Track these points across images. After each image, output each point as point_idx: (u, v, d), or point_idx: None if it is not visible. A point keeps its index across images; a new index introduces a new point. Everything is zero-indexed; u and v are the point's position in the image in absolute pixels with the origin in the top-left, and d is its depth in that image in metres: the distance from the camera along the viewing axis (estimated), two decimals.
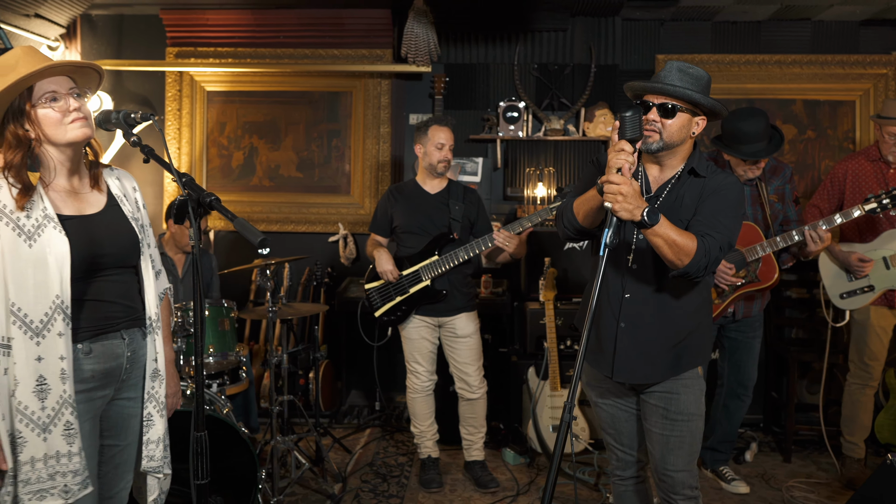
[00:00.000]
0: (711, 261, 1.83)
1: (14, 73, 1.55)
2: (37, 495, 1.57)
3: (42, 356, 1.57)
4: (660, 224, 1.76)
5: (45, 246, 1.57)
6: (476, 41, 4.35)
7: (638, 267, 1.98)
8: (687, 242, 1.79)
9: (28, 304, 1.56)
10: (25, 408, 1.56)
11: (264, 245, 1.29)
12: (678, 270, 1.83)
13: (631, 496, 2.25)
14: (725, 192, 1.93)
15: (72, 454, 1.60)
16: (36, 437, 1.56)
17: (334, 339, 4.38)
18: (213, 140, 4.53)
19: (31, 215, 1.58)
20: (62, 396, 1.58)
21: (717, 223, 1.87)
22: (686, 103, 1.88)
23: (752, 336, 3.18)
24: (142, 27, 4.48)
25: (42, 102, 1.59)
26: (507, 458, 3.57)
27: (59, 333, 1.58)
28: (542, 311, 3.63)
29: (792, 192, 3.15)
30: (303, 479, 3.25)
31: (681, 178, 1.98)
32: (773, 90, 4.26)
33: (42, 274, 1.57)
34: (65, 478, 1.60)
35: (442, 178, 3.25)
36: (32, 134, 1.60)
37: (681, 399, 2.00)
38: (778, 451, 3.72)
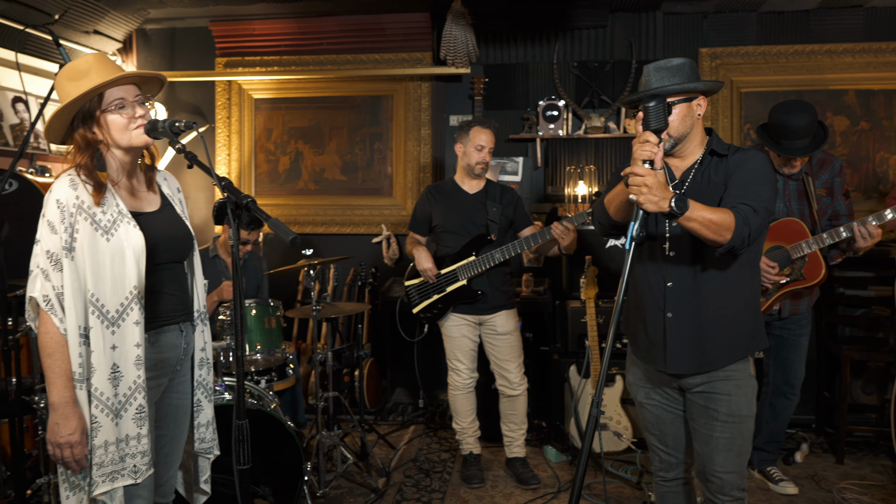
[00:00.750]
0: (753, 228, 1.80)
1: (87, 80, 1.66)
2: (109, 477, 1.66)
3: (117, 345, 1.67)
4: (691, 209, 1.73)
5: (122, 239, 1.68)
6: (514, 41, 4.37)
7: (676, 254, 1.96)
8: (724, 217, 1.76)
9: (105, 295, 1.66)
10: (101, 394, 1.65)
11: (296, 243, 1.38)
12: (723, 247, 1.79)
13: (674, 497, 2.21)
14: (749, 162, 1.91)
15: (141, 436, 1.70)
16: (109, 422, 1.66)
17: (378, 338, 4.47)
18: (260, 146, 4.68)
19: (106, 211, 1.69)
20: (136, 382, 1.68)
21: (748, 192, 1.85)
22: (678, 96, 1.88)
23: (798, 334, 3.10)
24: (192, 39, 4.68)
25: (111, 109, 1.69)
26: (549, 456, 3.59)
27: (135, 322, 1.68)
28: (584, 310, 3.63)
29: (842, 185, 3.05)
30: (348, 473, 3.35)
31: (703, 162, 1.97)
32: (824, 81, 4.13)
33: (120, 266, 1.67)
34: (134, 458, 1.70)
35: (480, 179, 3.29)
36: (100, 137, 1.71)
37: (732, 400, 1.95)
38: (830, 453, 3.61)
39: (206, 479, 1.96)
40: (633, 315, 2.12)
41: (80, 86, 1.66)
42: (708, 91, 1.94)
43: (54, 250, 1.63)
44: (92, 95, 1.67)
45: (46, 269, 1.63)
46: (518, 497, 3.14)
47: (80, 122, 1.69)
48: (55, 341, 1.63)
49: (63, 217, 1.63)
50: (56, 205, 1.64)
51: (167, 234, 1.81)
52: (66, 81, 1.69)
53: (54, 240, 1.63)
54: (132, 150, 1.75)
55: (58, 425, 1.62)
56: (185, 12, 4.33)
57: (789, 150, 2.82)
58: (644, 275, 2.03)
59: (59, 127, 1.74)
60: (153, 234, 1.76)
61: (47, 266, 1.63)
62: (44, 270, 1.63)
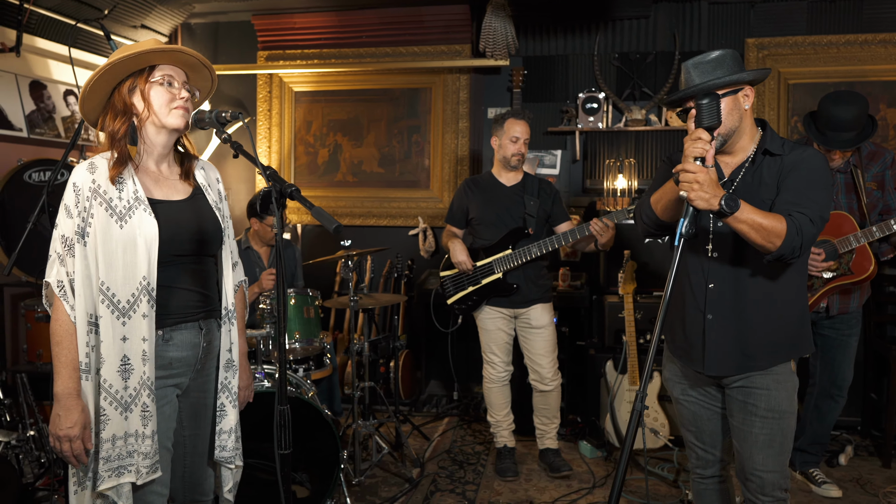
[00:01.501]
0: (806, 239, 1.74)
1: (140, 50, 1.62)
2: (115, 472, 1.61)
3: (127, 336, 1.60)
4: (741, 210, 1.69)
5: (135, 227, 1.61)
6: (554, 33, 4.33)
7: (719, 255, 1.92)
8: (775, 224, 1.71)
9: (116, 284, 1.60)
10: (110, 386, 1.59)
11: (339, 231, 1.37)
12: (772, 254, 1.75)
13: (711, 495, 2.17)
14: (806, 164, 1.83)
15: (145, 436, 1.62)
16: (118, 416, 1.60)
17: (414, 330, 4.50)
18: (300, 138, 4.75)
19: (122, 197, 1.62)
20: (142, 378, 1.62)
21: (804, 198, 1.78)
22: (723, 89, 1.81)
23: (847, 334, 3.01)
24: (235, 33, 4.76)
25: (158, 81, 1.66)
26: (584, 451, 3.56)
27: (143, 315, 1.61)
28: (621, 305, 3.59)
29: (893, 178, 2.94)
30: (383, 463, 3.38)
31: (755, 160, 1.90)
32: (877, 72, 3.99)
33: (131, 255, 1.61)
34: (138, 458, 1.62)
35: (517, 172, 3.28)
36: (139, 106, 1.66)
37: (772, 395, 1.91)
38: (877, 456, 3.50)
39: (229, 489, 1.85)
40: (672, 313, 2.08)
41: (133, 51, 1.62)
42: (754, 80, 1.87)
43: (69, 235, 1.58)
44: (144, 61, 1.64)
45: (62, 254, 1.58)
46: (552, 491, 3.13)
47: (121, 89, 1.66)
48: (64, 329, 1.58)
49: (78, 201, 1.58)
50: (72, 188, 1.59)
51: (191, 225, 1.72)
52: (117, 55, 1.65)
53: (69, 224, 1.58)
54: (165, 132, 1.69)
55: (59, 417, 1.55)
56: (229, 6, 4.41)
57: (831, 142, 2.74)
58: (685, 274, 1.99)
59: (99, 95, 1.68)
60: (175, 224, 1.68)
61: (62, 251, 1.58)
62: (60, 255, 1.58)
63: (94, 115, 1.74)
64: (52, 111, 3.90)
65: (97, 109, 1.72)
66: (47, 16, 3.69)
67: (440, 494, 3.09)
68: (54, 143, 3.86)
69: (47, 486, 3.01)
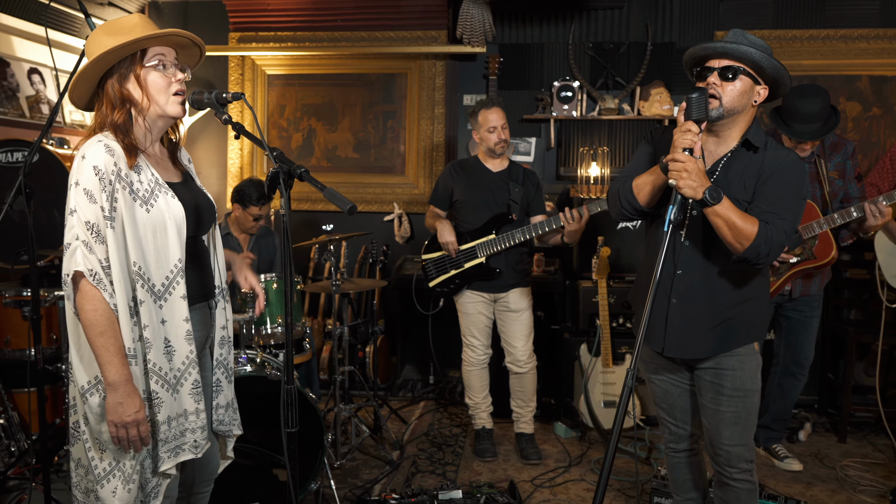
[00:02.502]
0: (773, 248, 1.82)
1: (131, 35, 1.58)
2: (173, 452, 1.63)
3: (166, 319, 1.62)
4: (721, 204, 1.77)
5: (163, 211, 1.61)
6: (531, 21, 4.37)
7: (690, 243, 2.00)
8: (747, 226, 1.79)
9: (150, 268, 1.59)
10: (160, 368, 1.60)
11: (353, 212, 1.38)
12: (738, 255, 1.84)
13: (684, 468, 2.29)
14: (787, 173, 1.89)
15: (199, 411, 1.67)
16: (169, 397, 1.62)
17: (389, 316, 4.53)
18: (273, 122, 4.69)
19: (142, 180, 1.60)
20: (188, 357, 1.64)
21: (781, 208, 1.85)
22: (748, 66, 1.85)
23: (809, 315, 3.17)
24: (205, 13, 4.66)
25: (153, 65, 1.62)
26: (559, 432, 3.66)
27: (181, 296, 1.63)
28: (595, 290, 3.68)
29: (854, 168, 3.10)
30: (362, 446, 3.42)
31: (736, 153, 1.95)
32: (838, 66, 4.15)
33: (162, 238, 1.60)
34: (194, 434, 1.66)
35: (503, 158, 3.32)
36: (137, 95, 1.62)
37: (737, 375, 2.01)
38: (833, 432, 3.70)
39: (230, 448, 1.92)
40: (641, 295, 2.17)
41: (120, 40, 1.57)
42: (775, 80, 1.89)
43: (94, 220, 1.52)
44: (137, 47, 1.60)
45: (88, 241, 1.51)
46: (530, 470, 3.21)
47: (114, 78, 1.61)
48: (106, 318, 1.52)
49: (103, 185, 1.52)
50: (94, 171, 1.52)
51: (193, 206, 1.73)
52: (105, 36, 1.60)
53: (94, 209, 1.52)
54: (162, 118, 1.67)
55: (121, 405, 1.53)
56: None
57: (800, 134, 2.86)
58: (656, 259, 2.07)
59: (88, 83, 1.64)
60: (188, 205, 1.68)
61: (88, 238, 1.51)
62: (85, 243, 1.51)
63: (82, 102, 1.71)
64: (15, 90, 3.77)
65: (85, 96, 1.69)
66: None
67: (421, 476, 3.15)
68: (18, 123, 3.73)
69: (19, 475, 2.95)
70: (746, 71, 1.86)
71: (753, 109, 1.95)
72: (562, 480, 3.10)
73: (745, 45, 1.84)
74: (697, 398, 2.13)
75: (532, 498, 2.93)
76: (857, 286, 4.02)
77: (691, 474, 2.30)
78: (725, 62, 1.86)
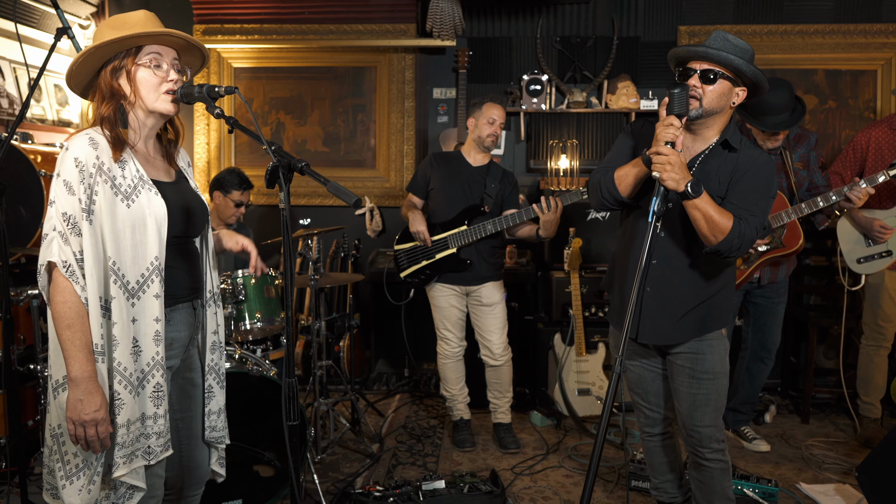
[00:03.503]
0: (745, 242, 1.90)
1: (132, 31, 1.58)
2: (129, 458, 1.58)
3: (136, 318, 1.58)
4: (701, 197, 1.84)
5: (143, 207, 1.59)
6: (499, 15, 4.40)
7: (666, 234, 2.07)
8: (723, 220, 1.87)
9: (125, 264, 1.57)
10: (125, 369, 1.56)
11: (359, 205, 1.38)
12: (711, 248, 1.91)
13: (660, 451, 2.37)
14: (760, 171, 1.97)
15: (157, 416, 1.61)
16: (131, 399, 1.57)
17: (362, 309, 4.51)
18: (240, 116, 4.61)
19: (126, 175, 1.59)
20: (154, 358, 1.60)
21: (753, 205, 1.94)
22: (728, 70, 1.91)
23: (777, 302, 3.28)
24: (168, 4, 4.55)
25: (145, 63, 1.62)
26: (535, 421, 3.72)
27: (155, 295, 1.60)
28: (567, 280, 3.74)
29: (818, 158, 3.22)
30: (342, 440, 3.41)
31: (713, 151, 2.03)
32: (795, 60, 4.30)
33: (141, 234, 1.58)
34: (149, 439, 1.60)
35: (485, 155, 3.35)
36: (126, 91, 1.62)
37: (706, 359, 2.10)
38: (796, 414, 3.85)
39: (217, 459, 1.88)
40: (617, 283, 2.24)
41: (120, 34, 1.57)
42: (754, 83, 1.94)
43: (71, 212, 1.50)
44: (131, 43, 1.59)
45: (64, 232, 1.50)
46: (509, 459, 3.26)
47: (108, 71, 1.61)
48: (75, 311, 1.51)
49: (82, 177, 1.51)
50: (74, 163, 1.51)
51: (183, 206, 1.71)
52: (108, 29, 1.60)
53: (71, 201, 1.50)
54: (154, 115, 1.66)
55: (81, 402, 1.50)
56: None
57: (773, 126, 2.96)
58: (631, 248, 2.14)
59: (84, 73, 1.63)
60: (172, 205, 1.66)
61: (64, 229, 1.50)
62: (61, 234, 1.50)
63: (79, 89, 1.70)
64: None
65: (81, 84, 1.68)
66: None
67: (402, 467, 3.16)
68: None
69: None
70: (726, 74, 1.92)
71: (731, 110, 2.02)
72: (541, 468, 3.16)
73: (726, 52, 1.89)
74: (670, 382, 2.21)
75: (514, 485, 2.97)
76: (818, 273, 4.18)
77: (667, 457, 2.37)
78: (706, 65, 1.92)
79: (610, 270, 2.32)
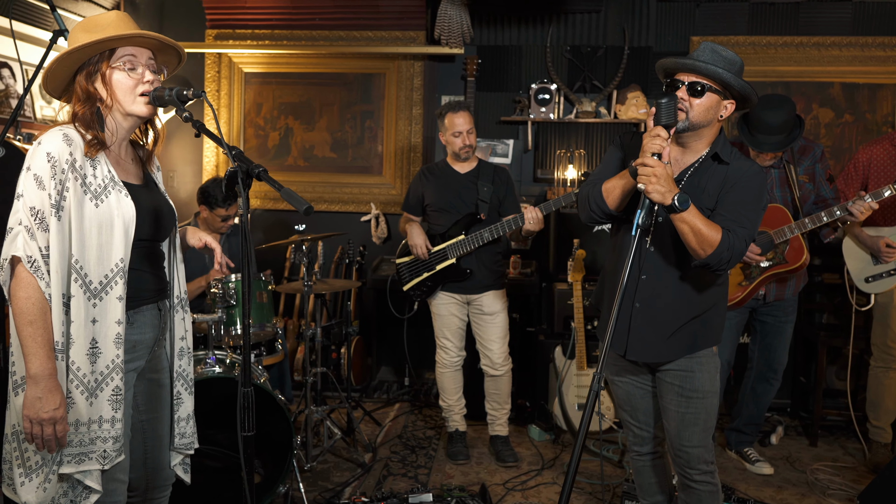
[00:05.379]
0: (735, 255, 1.85)
1: (104, 33, 1.57)
2: (76, 458, 1.56)
3: (97, 318, 1.56)
4: (688, 211, 1.79)
5: (112, 208, 1.58)
6: (509, 23, 4.37)
7: (655, 249, 2.02)
8: (712, 233, 1.82)
9: (89, 264, 1.55)
10: (78, 369, 1.54)
11: (310, 212, 1.36)
12: (700, 261, 1.86)
13: (648, 471, 2.31)
14: (749, 182, 1.93)
15: (115, 420, 1.59)
16: (84, 401, 1.55)
17: (365, 317, 4.49)
18: (249, 120, 4.64)
19: (96, 175, 1.58)
20: (114, 361, 1.58)
21: (742, 217, 1.89)
22: (716, 83, 1.87)
23: (784, 320, 3.18)
24: (182, 10, 4.61)
25: (119, 66, 1.61)
26: (533, 435, 3.65)
27: (118, 297, 1.58)
28: (570, 292, 3.68)
29: (824, 171, 3.12)
30: (334, 448, 3.38)
31: (703, 164, 1.98)
32: (811, 73, 4.20)
33: (107, 235, 1.57)
34: (105, 443, 1.58)
35: (471, 160, 3.31)
36: (102, 93, 1.61)
37: (696, 377, 2.04)
38: (804, 436, 3.73)
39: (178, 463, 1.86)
40: (606, 298, 2.18)
41: (93, 37, 1.57)
42: (742, 96, 1.91)
43: (40, 207, 1.48)
44: (104, 47, 1.58)
45: (31, 227, 1.48)
46: (503, 473, 3.20)
47: (83, 73, 1.60)
48: (38, 307, 1.49)
49: (54, 173, 1.50)
50: (46, 158, 1.50)
51: (152, 209, 1.70)
52: (81, 32, 1.60)
53: (41, 196, 1.49)
54: (130, 118, 1.66)
55: (40, 400, 1.48)
56: None
57: (760, 145, 2.89)
58: (621, 262, 2.08)
59: (60, 77, 1.63)
60: (140, 208, 1.65)
61: (31, 224, 1.48)
62: (28, 228, 1.48)
63: (57, 93, 1.70)
64: None
65: (60, 88, 1.68)
66: None
67: (393, 478, 3.12)
68: None
69: None
70: (714, 87, 1.88)
71: (719, 123, 1.97)
72: (534, 483, 3.09)
73: (714, 65, 1.85)
74: (659, 400, 2.14)
75: (503, 501, 2.91)
76: (830, 290, 4.06)
77: (656, 477, 2.31)
78: (694, 77, 1.88)
79: (600, 285, 2.27)
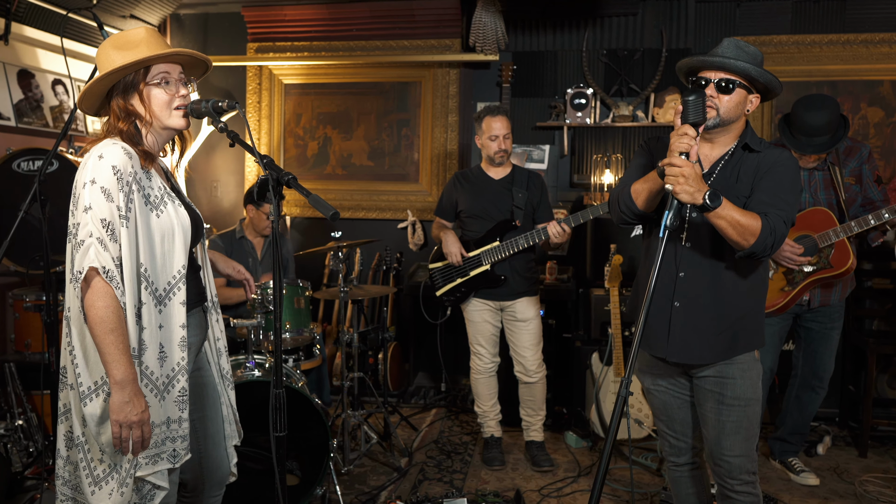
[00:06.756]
0: (777, 238, 1.82)
1: (136, 51, 1.63)
2: (151, 460, 1.62)
3: (163, 324, 1.64)
4: (722, 206, 1.76)
5: (171, 217, 1.67)
6: (544, 28, 4.37)
7: (692, 246, 1.98)
8: (751, 222, 1.79)
9: (155, 271, 1.63)
10: (151, 373, 1.61)
11: (336, 218, 1.40)
12: (744, 251, 1.82)
13: (686, 482, 2.24)
14: (782, 167, 1.91)
15: (182, 420, 1.67)
16: (156, 403, 1.63)
17: (403, 323, 4.54)
18: (289, 131, 4.75)
19: (153, 186, 1.66)
20: (179, 364, 1.65)
21: (779, 200, 1.86)
22: (743, 79, 1.87)
23: (829, 327, 3.08)
24: (225, 24, 4.76)
25: (155, 83, 1.67)
26: (570, 441, 3.62)
27: (181, 302, 1.66)
28: (607, 298, 3.64)
29: (872, 172, 3.01)
30: (371, 452, 3.42)
31: (734, 155, 1.97)
32: (859, 71, 4.07)
33: (169, 244, 1.66)
34: (174, 443, 1.66)
35: (506, 165, 3.31)
36: (140, 110, 1.67)
37: (737, 384, 1.98)
38: (853, 446, 3.59)
39: (234, 464, 1.94)
40: (641, 300, 2.14)
41: (127, 56, 1.62)
42: (767, 88, 1.92)
43: (110, 219, 1.54)
44: (140, 66, 1.65)
45: (102, 238, 1.52)
46: (538, 480, 3.18)
47: (119, 92, 1.66)
48: (117, 315, 1.53)
49: (120, 185, 1.56)
50: (112, 171, 1.55)
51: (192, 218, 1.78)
52: (113, 50, 1.65)
53: (110, 207, 1.54)
54: (167, 130, 1.73)
55: (128, 404, 1.53)
56: None
57: (803, 147, 2.81)
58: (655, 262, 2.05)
59: (96, 95, 1.70)
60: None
61: (103, 235, 1.52)
62: (100, 239, 1.52)
63: (93, 111, 1.77)
64: (40, 100, 3.88)
65: (95, 106, 1.75)
66: (36, 4, 3.67)
67: (428, 483, 3.14)
68: (42, 133, 3.84)
69: (37, 475, 3.01)
70: (742, 83, 1.89)
71: (745, 117, 1.97)
72: (569, 490, 3.07)
73: (742, 61, 1.86)
74: (697, 409, 2.09)
75: None
76: (880, 296, 3.91)
77: (694, 488, 2.24)
78: (722, 74, 1.88)
79: (634, 294, 2.24)
